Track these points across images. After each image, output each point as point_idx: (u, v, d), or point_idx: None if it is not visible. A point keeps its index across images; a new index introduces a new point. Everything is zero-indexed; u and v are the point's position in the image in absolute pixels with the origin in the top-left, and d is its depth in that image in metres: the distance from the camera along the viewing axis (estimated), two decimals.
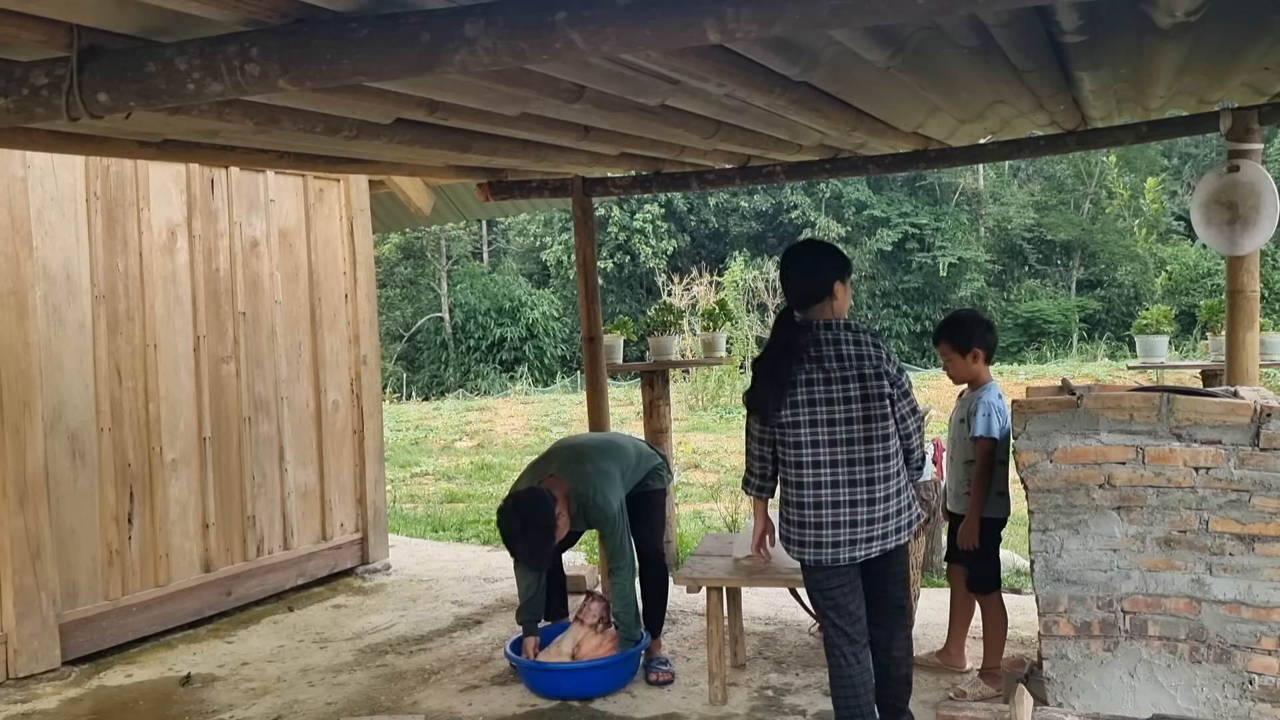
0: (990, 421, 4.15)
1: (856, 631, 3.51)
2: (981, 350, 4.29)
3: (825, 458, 3.41)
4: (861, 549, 3.43)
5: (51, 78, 2.43)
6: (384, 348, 23.24)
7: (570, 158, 4.79)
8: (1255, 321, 4.41)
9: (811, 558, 3.45)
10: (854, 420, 3.42)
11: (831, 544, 3.42)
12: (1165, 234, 27.73)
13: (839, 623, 3.51)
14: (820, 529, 3.41)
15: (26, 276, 4.83)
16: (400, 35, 2.16)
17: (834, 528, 3.41)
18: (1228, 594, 3.23)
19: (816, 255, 3.68)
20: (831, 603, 3.51)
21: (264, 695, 4.67)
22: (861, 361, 3.44)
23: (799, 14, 1.98)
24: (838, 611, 3.51)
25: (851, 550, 3.43)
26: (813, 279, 3.53)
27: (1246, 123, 4.25)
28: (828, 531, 3.41)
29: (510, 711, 4.35)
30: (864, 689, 3.52)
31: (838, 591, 3.49)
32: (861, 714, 3.53)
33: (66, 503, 4.98)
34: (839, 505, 3.40)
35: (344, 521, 6.60)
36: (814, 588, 3.54)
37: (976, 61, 3.26)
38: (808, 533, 3.43)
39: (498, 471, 11.60)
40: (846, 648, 3.50)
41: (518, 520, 4.25)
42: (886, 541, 3.47)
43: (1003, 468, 4.24)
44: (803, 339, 3.46)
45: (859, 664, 3.51)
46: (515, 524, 4.25)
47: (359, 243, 6.71)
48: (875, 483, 3.42)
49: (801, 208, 28.24)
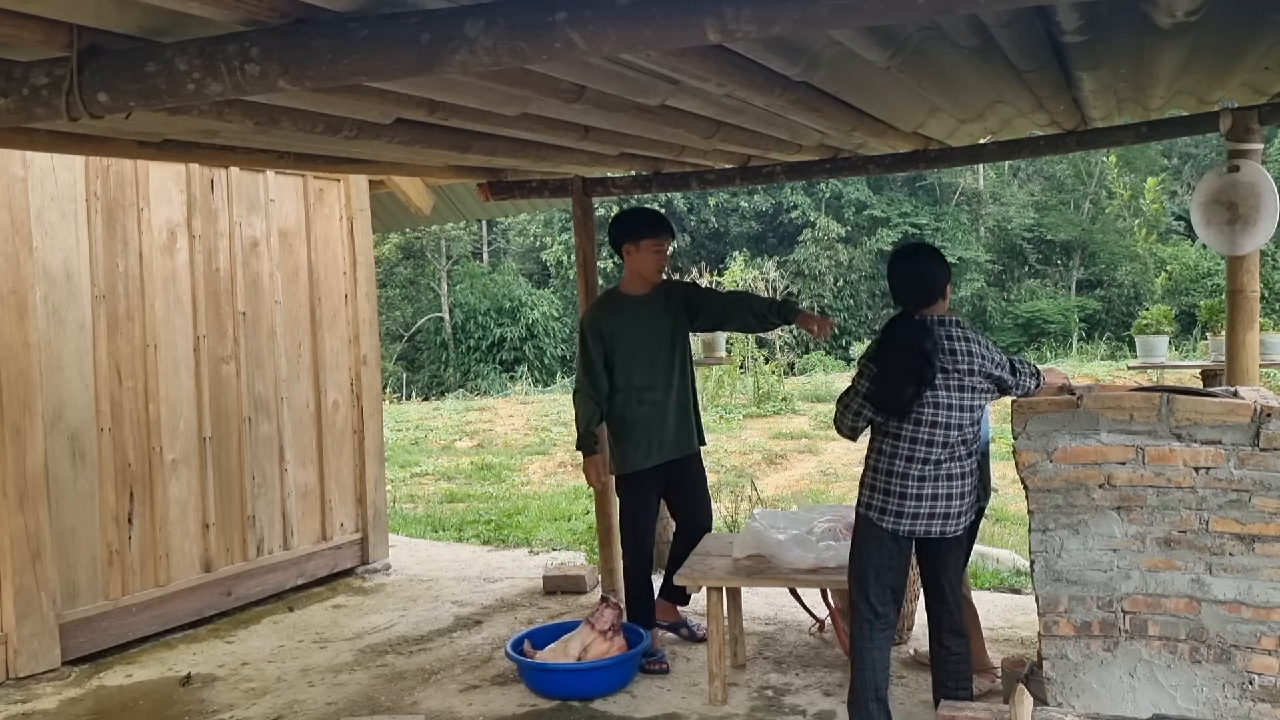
0: None
1: (886, 612, 3.69)
2: None
3: (925, 436, 3.55)
4: (945, 525, 3.60)
5: (51, 78, 2.43)
6: (384, 348, 23.24)
7: (570, 158, 4.79)
8: (1255, 321, 4.41)
9: (894, 526, 3.60)
10: (954, 408, 3.56)
11: (926, 515, 3.58)
12: (1165, 234, 27.72)
13: (873, 600, 3.67)
14: (919, 500, 3.57)
15: (26, 276, 4.83)
16: (400, 35, 2.16)
17: (930, 499, 3.57)
18: (1228, 594, 3.23)
19: (930, 257, 3.80)
20: (877, 576, 3.66)
21: (264, 695, 4.67)
22: (971, 358, 3.58)
23: (799, 14, 1.98)
24: (878, 589, 3.66)
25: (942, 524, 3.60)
26: (927, 279, 3.69)
27: (1246, 123, 4.25)
28: (925, 503, 3.57)
29: (510, 711, 4.35)
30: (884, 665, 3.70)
31: (888, 569, 3.65)
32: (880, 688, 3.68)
33: (66, 503, 4.98)
34: (934, 480, 3.57)
35: (344, 521, 6.60)
36: (867, 559, 3.67)
37: (976, 61, 3.26)
38: (905, 503, 3.59)
39: (498, 471, 11.59)
40: (878, 624, 3.67)
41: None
42: (958, 523, 3.64)
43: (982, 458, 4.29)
44: (930, 340, 3.55)
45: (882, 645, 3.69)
46: None
47: (359, 243, 6.71)
48: (961, 461, 3.61)
49: (801, 208, 28.23)
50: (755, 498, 7.91)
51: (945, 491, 3.58)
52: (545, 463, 12.36)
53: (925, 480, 3.57)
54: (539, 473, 11.76)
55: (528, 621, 5.56)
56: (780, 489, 9.74)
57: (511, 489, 10.56)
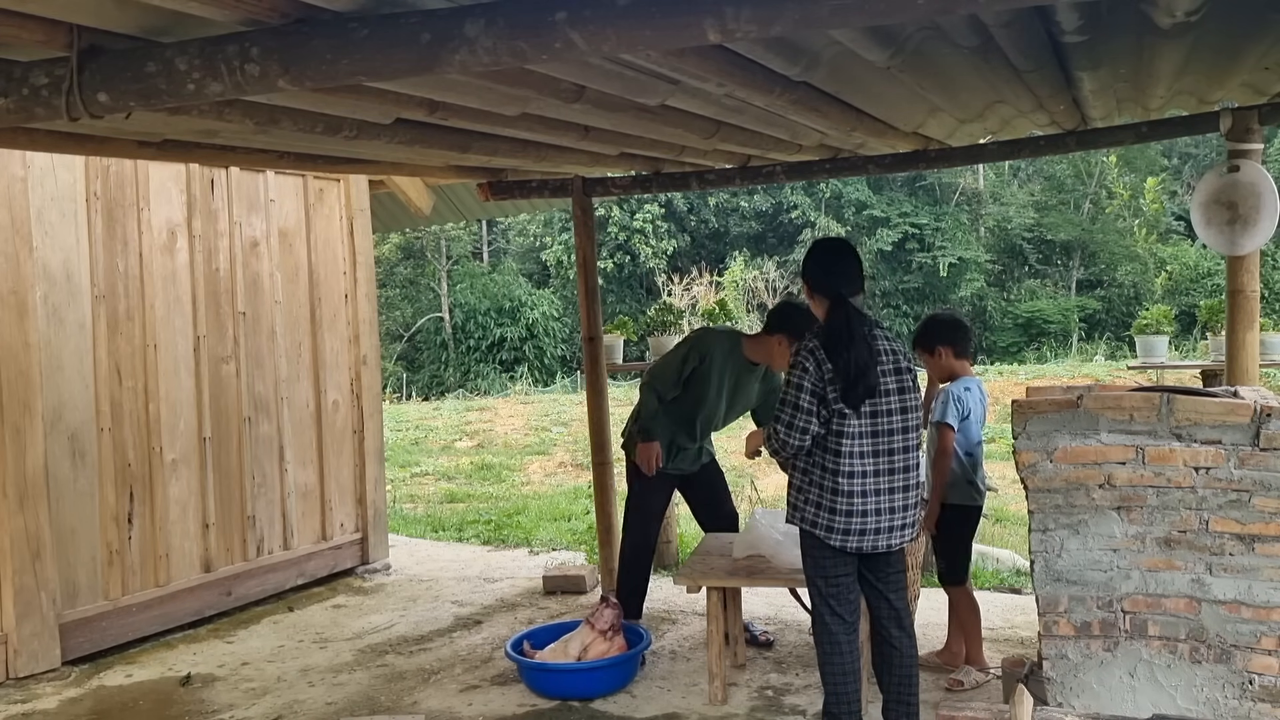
0: (946, 409, 4.34)
1: (854, 620, 3.60)
2: (946, 347, 4.45)
3: (871, 448, 3.47)
4: (890, 538, 3.52)
5: (51, 78, 2.43)
6: (384, 348, 23.23)
7: (570, 158, 4.79)
8: (1255, 321, 4.41)
9: (842, 542, 3.49)
10: (893, 412, 3.50)
11: (874, 530, 3.48)
12: (1165, 234, 27.72)
13: (840, 610, 3.56)
14: (865, 516, 3.47)
15: (26, 276, 4.83)
16: (400, 35, 2.17)
17: (876, 515, 3.48)
18: (1228, 594, 3.23)
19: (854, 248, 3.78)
20: (836, 589, 3.56)
21: (264, 695, 4.67)
22: (897, 356, 3.54)
23: (799, 14, 1.98)
24: (839, 600, 3.56)
25: (888, 538, 3.51)
26: (859, 267, 3.65)
27: (1246, 123, 4.26)
28: (871, 519, 3.47)
29: (510, 711, 4.35)
30: (857, 676, 3.61)
31: (846, 580, 3.56)
32: (856, 699, 3.59)
33: (66, 503, 4.98)
34: (880, 494, 3.48)
35: (344, 521, 6.60)
36: (822, 574, 3.56)
37: (976, 61, 3.26)
38: (854, 521, 3.46)
39: (498, 471, 11.60)
40: (844, 635, 3.57)
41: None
42: (906, 535, 3.57)
43: (971, 458, 4.40)
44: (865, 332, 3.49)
45: (854, 651, 3.60)
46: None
47: (359, 243, 6.71)
48: (910, 472, 3.53)
49: (801, 208, 28.22)
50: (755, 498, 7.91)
51: (890, 505, 3.48)
52: (545, 463, 12.37)
53: (881, 494, 3.46)
54: (539, 473, 11.77)
55: (528, 621, 5.56)
56: (780, 489, 9.72)
57: (511, 489, 10.56)
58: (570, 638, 4.59)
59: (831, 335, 3.46)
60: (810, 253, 3.72)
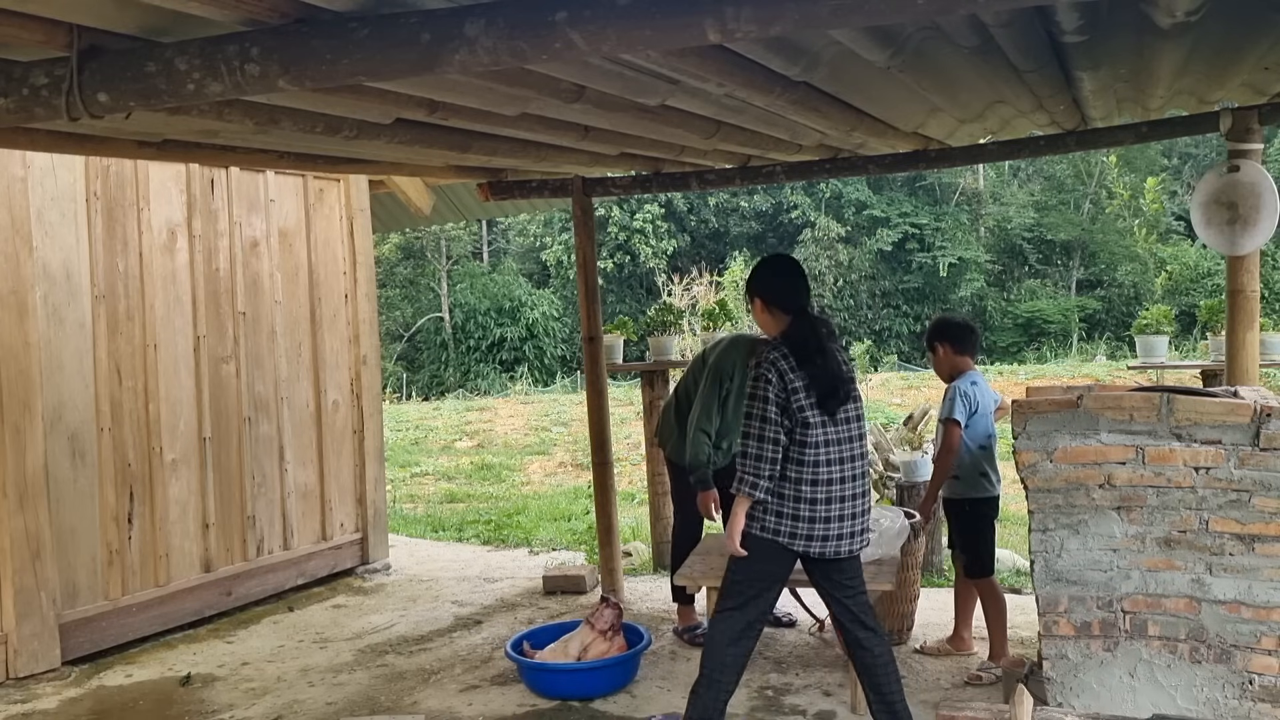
0: (953, 405, 4.40)
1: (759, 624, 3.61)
2: (945, 344, 4.54)
3: (834, 455, 3.49)
4: (852, 543, 3.55)
5: (51, 78, 2.43)
6: (384, 348, 23.24)
7: (570, 158, 4.79)
8: (1255, 321, 4.42)
9: (804, 547, 3.49)
10: (850, 420, 3.56)
11: (835, 536, 3.50)
12: (1165, 234, 27.75)
13: (764, 609, 3.59)
14: (828, 522, 3.49)
15: (26, 276, 4.83)
16: (400, 35, 2.17)
17: (839, 521, 3.50)
18: (1228, 594, 3.23)
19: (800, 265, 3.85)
20: (771, 591, 3.58)
21: (264, 695, 4.67)
22: (850, 366, 3.63)
23: (799, 14, 1.98)
24: (767, 601, 3.59)
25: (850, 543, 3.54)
26: (807, 281, 3.72)
27: (1246, 123, 4.26)
28: (834, 525, 3.49)
29: (510, 711, 4.35)
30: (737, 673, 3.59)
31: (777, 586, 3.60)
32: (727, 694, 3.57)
33: (66, 503, 4.98)
34: (843, 500, 3.51)
35: (344, 521, 6.60)
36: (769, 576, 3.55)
37: (976, 61, 3.26)
38: (816, 527, 3.47)
39: (498, 471, 11.60)
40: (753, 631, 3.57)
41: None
42: (865, 539, 3.61)
43: (984, 451, 4.45)
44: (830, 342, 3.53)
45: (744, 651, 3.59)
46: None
47: (359, 243, 6.71)
48: (861, 480, 3.57)
49: (801, 208, 28.25)
50: None
51: (851, 511, 3.52)
52: (545, 463, 12.38)
53: (844, 500, 3.50)
54: (539, 473, 11.77)
55: (528, 621, 5.56)
56: None
57: (511, 489, 10.57)
58: (570, 638, 4.59)
59: (799, 346, 3.49)
60: (765, 271, 3.73)
